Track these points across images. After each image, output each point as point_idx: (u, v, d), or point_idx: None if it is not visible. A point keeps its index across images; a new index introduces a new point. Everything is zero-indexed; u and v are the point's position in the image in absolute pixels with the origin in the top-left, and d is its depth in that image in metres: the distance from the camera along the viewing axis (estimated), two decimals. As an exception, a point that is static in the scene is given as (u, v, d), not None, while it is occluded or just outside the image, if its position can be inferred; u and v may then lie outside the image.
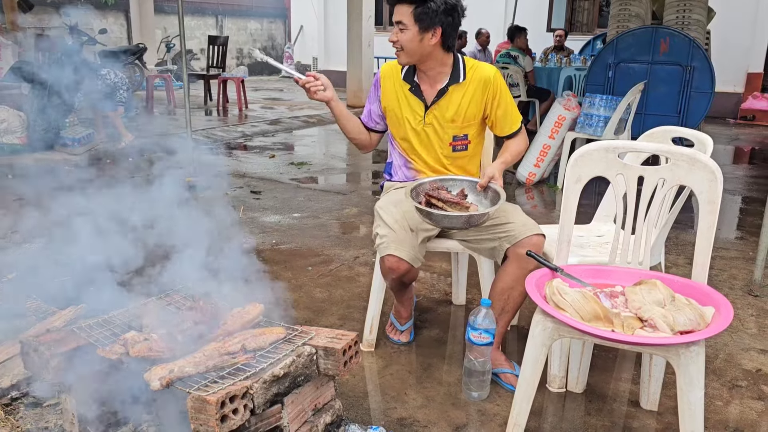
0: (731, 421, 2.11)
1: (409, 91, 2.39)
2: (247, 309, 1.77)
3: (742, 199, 5.36)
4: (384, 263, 2.23)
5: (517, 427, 1.85)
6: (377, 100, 2.49)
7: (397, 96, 2.42)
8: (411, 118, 2.41)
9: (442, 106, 2.36)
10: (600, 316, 1.65)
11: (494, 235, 2.24)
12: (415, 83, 2.38)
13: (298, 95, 12.95)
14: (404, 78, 2.40)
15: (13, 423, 1.91)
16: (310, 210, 4.64)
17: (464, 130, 2.40)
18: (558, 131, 5.47)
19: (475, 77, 2.35)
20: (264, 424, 1.54)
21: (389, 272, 2.23)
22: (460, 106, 2.35)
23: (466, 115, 2.37)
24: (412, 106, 2.40)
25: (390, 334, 2.60)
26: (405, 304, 2.55)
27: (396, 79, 2.42)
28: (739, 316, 2.89)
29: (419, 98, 2.38)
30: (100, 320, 1.75)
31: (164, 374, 1.46)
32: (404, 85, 2.40)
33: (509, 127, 2.42)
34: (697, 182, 1.78)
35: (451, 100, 2.35)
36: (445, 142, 2.41)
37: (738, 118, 10.21)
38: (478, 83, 2.34)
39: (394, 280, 2.28)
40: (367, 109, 2.54)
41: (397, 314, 2.60)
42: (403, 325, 2.58)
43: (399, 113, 2.42)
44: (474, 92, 2.35)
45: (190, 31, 14.78)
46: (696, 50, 6.27)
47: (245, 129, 8.39)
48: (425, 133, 2.40)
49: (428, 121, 2.39)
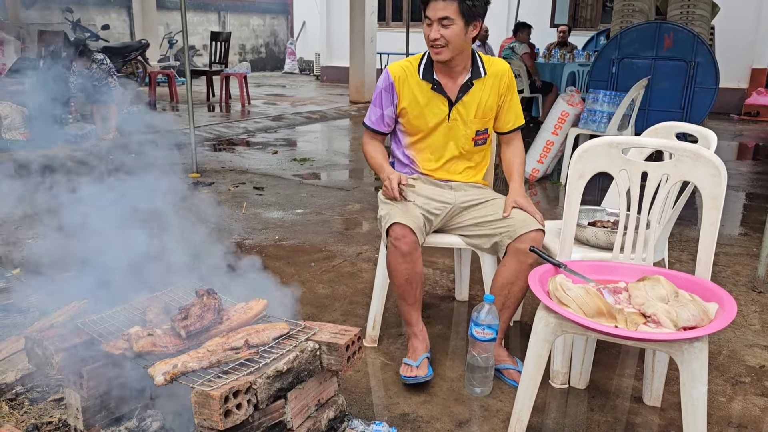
0: (734, 418, 2.11)
1: (431, 90, 2.32)
2: (251, 304, 1.78)
3: (746, 195, 5.34)
4: (390, 234, 2.18)
5: (520, 423, 1.85)
6: (391, 104, 2.37)
7: (417, 96, 2.34)
8: (434, 118, 2.35)
9: (466, 101, 2.33)
10: (603, 311, 1.65)
11: (494, 230, 2.25)
12: (436, 81, 2.32)
13: (301, 91, 12.96)
14: (424, 77, 2.32)
15: (17, 417, 1.92)
16: (312, 206, 4.64)
17: (486, 124, 2.40)
18: (561, 127, 5.46)
19: (492, 71, 2.34)
20: (267, 419, 1.55)
21: (398, 242, 2.15)
22: (481, 101, 2.34)
23: (487, 109, 2.36)
24: (436, 104, 2.34)
25: (403, 373, 2.24)
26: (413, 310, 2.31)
27: (412, 79, 2.34)
28: (742, 313, 2.89)
29: (443, 95, 2.33)
30: (103, 315, 1.75)
31: (168, 369, 1.46)
32: (424, 84, 2.32)
33: (512, 123, 2.43)
34: (701, 178, 1.78)
35: (474, 95, 2.33)
36: (468, 137, 2.38)
37: (742, 114, 10.17)
38: (495, 77, 2.34)
39: (402, 256, 2.17)
40: (378, 114, 2.41)
41: (411, 350, 2.31)
42: (416, 359, 2.27)
43: (421, 113, 2.35)
44: (493, 86, 2.34)
45: (193, 27, 14.75)
46: (700, 46, 6.25)
47: (248, 125, 8.39)
48: (449, 129, 2.36)
49: (453, 117, 2.34)
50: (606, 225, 2.36)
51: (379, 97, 2.39)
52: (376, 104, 2.41)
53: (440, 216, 2.34)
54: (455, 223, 2.39)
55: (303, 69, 17.16)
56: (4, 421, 1.89)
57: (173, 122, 7.77)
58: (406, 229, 2.16)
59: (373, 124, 2.44)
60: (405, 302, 2.30)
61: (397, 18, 14.14)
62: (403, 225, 2.16)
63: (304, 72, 17.09)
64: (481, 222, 2.31)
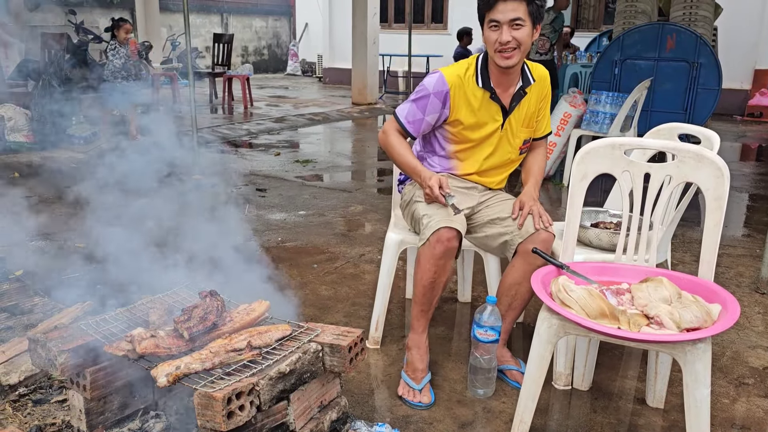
0: (738, 419, 2.11)
1: (489, 99, 2.24)
2: (253, 306, 1.78)
3: (749, 196, 5.33)
4: (437, 234, 2.07)
5: (523, 424, 1.85)
6: (438, 112, 2.24)
7: (473, 105, 2.24)
8: (490, 126, 2.28)
9: (518, 110, 2.29)
10: (606, 313, 1.65)
11: (506, 228, 2.23)
12: (493, 89, 2.23)
13: (303, 93, 12.97)
14: (483, 86, 2.23)
15: (21, 419, 1.92)
16: (315, 207, 4.65)
17: (530, 133, 2.37)
18: (564, 128, 5.46)
19: (537, 77, 2.30)
20: (270, 420, 1.55)
21: (438, 244, 2.06)
22: (529, 109, 2.31)
23: (533, 117, 2.34)
24: (492, 113, 2.27)
25: (406, 396, 2.17)
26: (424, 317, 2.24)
27: (469, 87, 2.24)
28: (746, 314, 2.88)
29: (498, 104, 2.26)
30: (107, 317, 1.76)
31: (171, 371, 1.46)
32: (481, 93, 2.23)
33: (543, 130, 2.43)
34: (704, 179, 1.77)
35: (524, 103, 2.29)
36: (515, 146, 2.34)
37: (745, 115, 10.15)
38: (539, 83, 2.30)
39: (435, 258, 2.08)
40: (419, 117, 2.25)
41: (411, 368, 2.23)
42: (419, 382, 2.19)
43: (476, 123, 2.27)
44: (537, 93, 2.32)
45: (196, 29, 14.80)
46: (703, 47, 6.24)
47: (250, 127, 8.41)
48: (500, 138, 2.30)
49: (506, 127, 2.29)
50: (609, 226, 2.35)
51: (425, 101, 2.23)
52: (418, 105, 2.25)
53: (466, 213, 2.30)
54: (471, 221, 2.35)
55: (305, 71, 17.19)
56: (8, 423, 1.90)
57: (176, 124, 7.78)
58: (453, 234, 2.08)
59: (409, 125, 2.28)
60: (419, 306, 2.20)
61: (399, 20, 14.14)
62: (451, 228, 2.08)
63: (306, 74, 17.11)
64: (494, 219, 2.28)
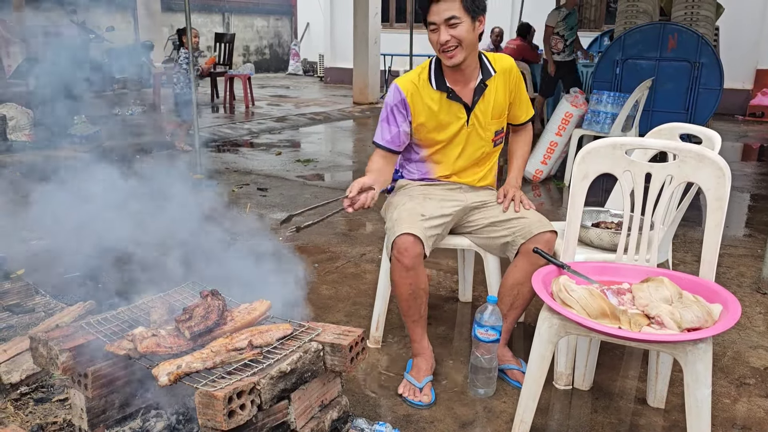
0: (739, 419, 2.10)
1: (447, 99, 2.25)
2: (255, 305, 1.78)
3: (750, 196, 5.33)
4: (396, 245, 2.10)
5: (524, 424, 1.85)
6: (406, 121, 2.28)
7: (432, 108, 2.26)
8: (454, 124, 2.29)
9: (482, 103, 2.29)
10: (607, 313, 1.65)
11: (508, 229, 2.23)
12: (450, 89, 2.24)
13: (305, 92, 12.97)
14: (437, 87, 2.25)
15: (22, 418, 1.93)
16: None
17: (502, 123, 2.37)
18: (565, 128, 5.45)
19: (499, 68, 2.29)
20: (271, 419, 1.55)
21: (401, 256, 2.08)
22: (496, 100, 2.30)
23: (501, 108, 2.33)
24: (454, 112, 2.27)
25: (406, 395, 2.18)
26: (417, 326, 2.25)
27: (425, 91, 2.26)
28: (747, 314, 2.88)
29: (459, 102, 2.26)
30: (108, 316, 1.76)
31: (172, 370, 1.46)
32: (439, 94, 2.25)
33: (525, 115, 2.42)
34: (705, 179, 1.77)
35: (488, 95, 2.29)
36: (487, 139, 2.34)
37: (747, 115, 10.14)
38: (503, 74, 2.30)
39: (405, 270, 2.10)
40: (394, 132, 2.28)
41: (414, 369, 2.25)
42: (421, 381, 2.20)
43: (439, 124, 2.28)
44: (502, 83, 2.30)
45: (197, 28, 14.77)
46: (704, 47, 6.23)
47: (252, 126, 8.41)
48: (468, 135, 2.31)
49: (472, 122, 2.29)
50: (610, 226, 2.35)
51: (391, 115, 2.28)
52: (389, 122, 2.29)
53: (454, 215, 2.31)
54: (465, 224, 2.37)
55: (307, 70, 17.19)
56: (9, 421, 1.90)
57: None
58: (410, 240, 2.08)
59: (388, 143, 2.30)
60: (409, 318, 2.23)
61: (400, 19, 14.15)
62: (408, 235, 2.09)
63: (307, 73, 17.12)
64: (494, 222, 2.28)
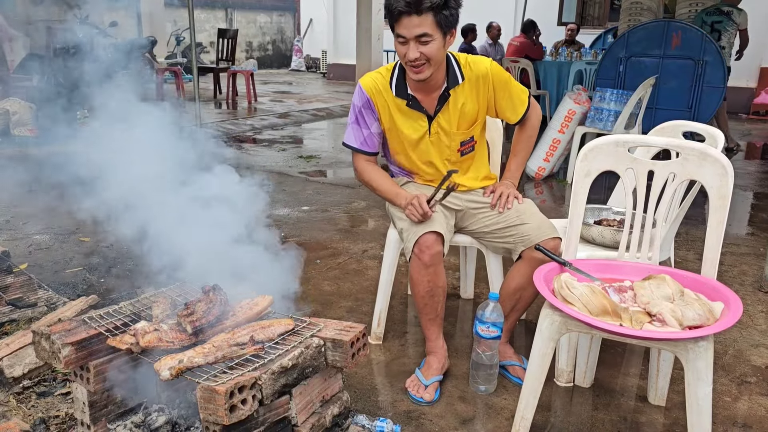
0: (740, 417, 2.10)
1: (406, 107, 2.19)
2: (256, 301, 1.78)
3: (753, 194, 5.32)
4: (419, 243, 2.06)
5: (524, 420, 1.86)
6: (376, 120, 2.24)
7: (392, 114, 2.21)
8: (413, 134, 2.22)
9: (446, 113, 2.20)
10: (608, 310, 1.65)
11: (510, 236, 2.20)
12: (411, 96, 2.17)
13: (308, 89, 12.96)
14: (397, 94, 2.18)
15: (25, 411, 1.93)
16: (318, 203, 4.65)
17: (470, 133, 2.26)
18: (568, 125, 5.45)
19: (472, 75, 2.17)
20: (272, 414, 1.55)
21: (422, 253, 2.05)
22: (462, 110, 2.20)
23: (470, 117, 2.22)
24: (414, 120, 2.21)
25: (410, 390, 2.17)
26: (433, 325, 2.22)
27: (386, 95, 2.20)
28: (749, 312, 2.87)
29: (420, 111, 2.19)
30: (110, 310, 1.76)
31: (174, 364, 1.47)
32: (398, 101, 2.19)
33: (514, 115, 2.29)
34: (708, 177, 1.77)
35: (454, 105, 2.19)
36: (453, 149, 2.26)
37: (750, 113, 10.11)
38: (475, 81, 2.18)
39: (424, 267, 2.08)
40: (366, 134, 2.25)
41: (426, 366, 2.22)
42: (428, 379, 2.18)
43: (398, 131, 2.23)
44: (472, 91, 2.19)
45: (200, 24, 14.80)
46: (708, 44, 6.20)
47: (254, 122, 8.41)
48: (430, 145, 2.25)
49: (434, 131, 2.22)
50: (612, 224, 2.35)
51: (359, 115, 2.25)
52: (358, 123, 2.26)
53: (456, 212, 2.30)
54: (466, 226, 2.34)
55: (310, 66, 17.17)
56: (12, 415, 1.91)
57: (179, 119, 7.78)
58: (433, 238, 2.06)
59: (362, 145, 2.28)
60: (425, 316, 2.20)
61: (404, 16, 14.11)
62: (431, 233, 2.07)
63: (310, 69, 17.10)
64: (493, 229, 2.25)
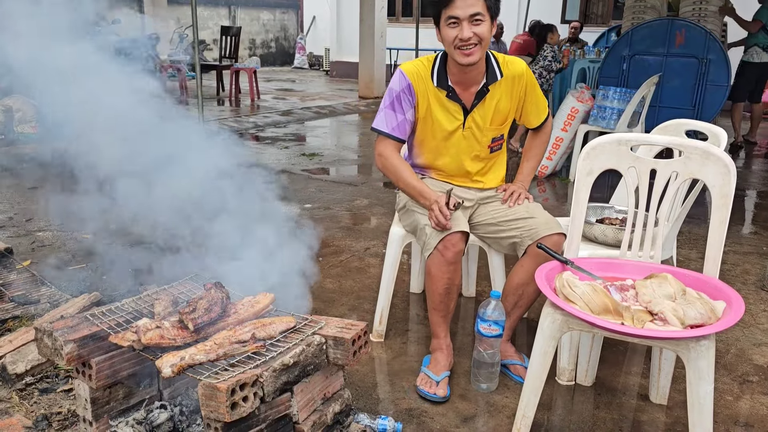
0: (741, 416, 2.10)
1: (446, 98, 2.21)
2: (258, 298, 1.79)
3: (756, 193, 5.30)
4: (445, 244, 2.08)
5: (525, 419, 1.86)
6: (412, 107, 2.23)
7: (430, 103, 2.22)
8: (448, 125, 2.23)
9: (482, 108, 2.23)
10: (610, 309, 1.65)
11: (516, 230, 2.21)
12: (451, 88, 2.19)
13: (310, 86, 12.95)
14: (438, 84, 2.20)
15: (27, 408, 1.94)
16: (321, 201, 4.65)
17: (502, 131, 2.31)
18: (571, 124, 5.44)
19: (509, 74, 2.22)
20: (273, 412, 1.56)
21: (446, 250, 2.07)
22: (497, 107, 2.24)
23: (503, 115, 2.27)
24: (451, 112, 2.22)
25: (422, 387, 2.16)
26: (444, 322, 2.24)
27: (427, 84, 2.21)
28: (751, 311, 2.87)
29: (458, 103, 2.21)
30: (112, 307, 1.77)
31: (175, 361, 1.47)
32: (438, 92, 2.21)
33: (536, 119, 2.37)
34: (710, 176, 1.77)
35: (490, 101, 2.22)
36: (483, 145, 2.28)
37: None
38: (511, 80, 2.23)
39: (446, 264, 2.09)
40: (400, 119, 2.23)
41: (433, 363, 2.23)
42: (439, 374, 2.18)
43: (433, 121, 2.24)
44: (507, 89, 2.24)
45: (203, 21, 14.79)
46: (712, 43, 6.19)
47: (257, 120, 8.41)
48: (462, 139, 2.26)
49: (468, 126, 2.24)
50: (614, 222, 2.35)
51: (396, 101, 2.22)
52: (393, 108, 2.23)
53: (468, 209, 2.31)
54: (476, 218, 2.34)
55: (312, 64, 17.17)
56: (15, 411, 1.92)
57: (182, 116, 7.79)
58: (458, 237, 2.09)
59: (393, 131, 2.24)
60: (438, 313, 2.21)
61: (407, 13, 14.11)
62: (458, 232, 2.09)
63: (313, 67, 17.10)
64: (500, 221, 2.26)
